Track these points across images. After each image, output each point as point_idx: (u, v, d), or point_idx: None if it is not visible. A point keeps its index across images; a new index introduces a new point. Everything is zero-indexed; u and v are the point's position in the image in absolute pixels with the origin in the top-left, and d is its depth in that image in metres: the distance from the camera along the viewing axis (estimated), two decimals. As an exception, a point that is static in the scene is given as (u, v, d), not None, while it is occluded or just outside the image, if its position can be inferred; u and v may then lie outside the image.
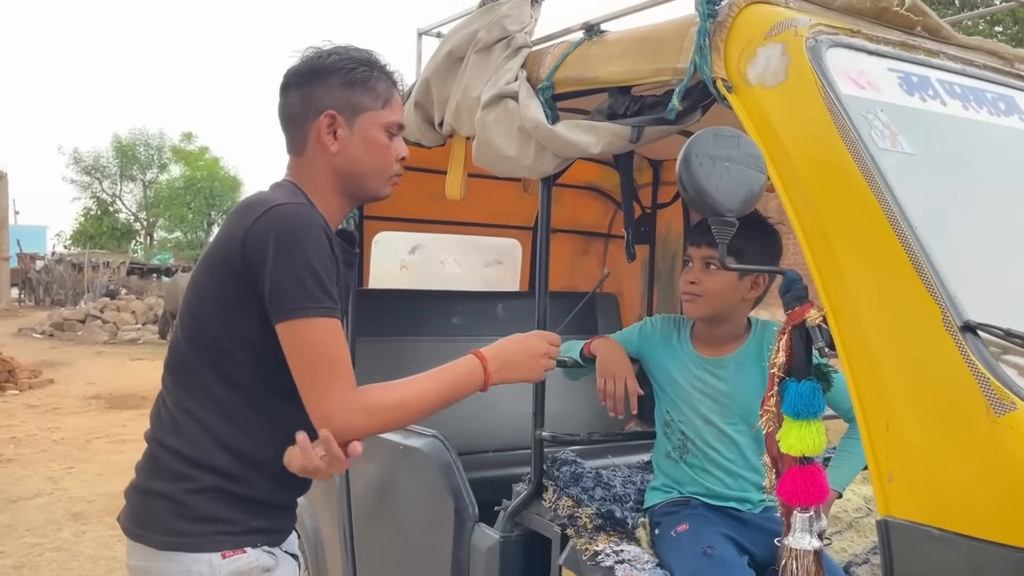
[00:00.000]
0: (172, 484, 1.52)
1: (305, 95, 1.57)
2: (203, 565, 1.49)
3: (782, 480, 1.47)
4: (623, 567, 1.87)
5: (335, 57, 1.58)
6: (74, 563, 4.72)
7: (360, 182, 1.61)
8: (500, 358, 1.59)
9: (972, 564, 1.24)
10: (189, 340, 1.53)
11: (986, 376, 1.26)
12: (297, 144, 1.60)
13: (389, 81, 1.62)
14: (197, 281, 1.54)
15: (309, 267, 1.41)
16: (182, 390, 1.54)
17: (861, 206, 1.43)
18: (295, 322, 1.41)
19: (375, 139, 1.59)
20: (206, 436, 1.51)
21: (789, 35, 1.61)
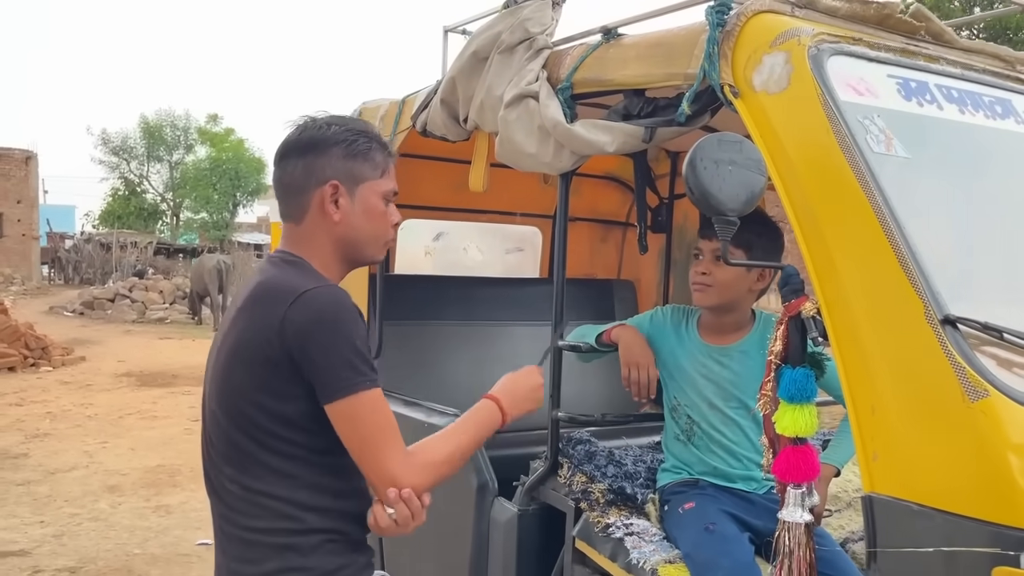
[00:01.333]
0: (281, 558, 1.52)
1: (307, 165, 1.60)
2: None
3: (777, 459, 1.60)
4: (632, 539, 2.01)
5: (336, 128, 1.62)
6: (111, 532, 4.94)
7: (359, 248, 1.65)
8: (511, 397, 1.71)
9: (946, 536, 1.36)
10: (236, 428, 1.53)
11: (963, 366, 1.38)
12: (296, 212, 1.62)
13: (385, 151, 1.68)
14: (227, 370, 1.54)
15: (353, 347, 1.46)
16: (247, 475, 1.53)
17: (854, 207, 1.54)
18: (345, 400, 1.46)
19: (375, 207, 1.63)
20: (290, 506, 1.52)
21: (792, 44, 1.72)
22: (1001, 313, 1.51)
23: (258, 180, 39.68)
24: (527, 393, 1.76)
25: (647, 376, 2.14)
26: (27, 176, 31.20)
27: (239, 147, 40.22)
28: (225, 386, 1.55)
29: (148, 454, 6.86)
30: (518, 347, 3.33)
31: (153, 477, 6.17)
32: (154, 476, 6.20)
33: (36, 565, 4.40)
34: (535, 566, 2.29)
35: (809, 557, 1.58)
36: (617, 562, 2.01)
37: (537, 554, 2.30)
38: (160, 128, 40.69)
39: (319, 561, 1.54)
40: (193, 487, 5.93)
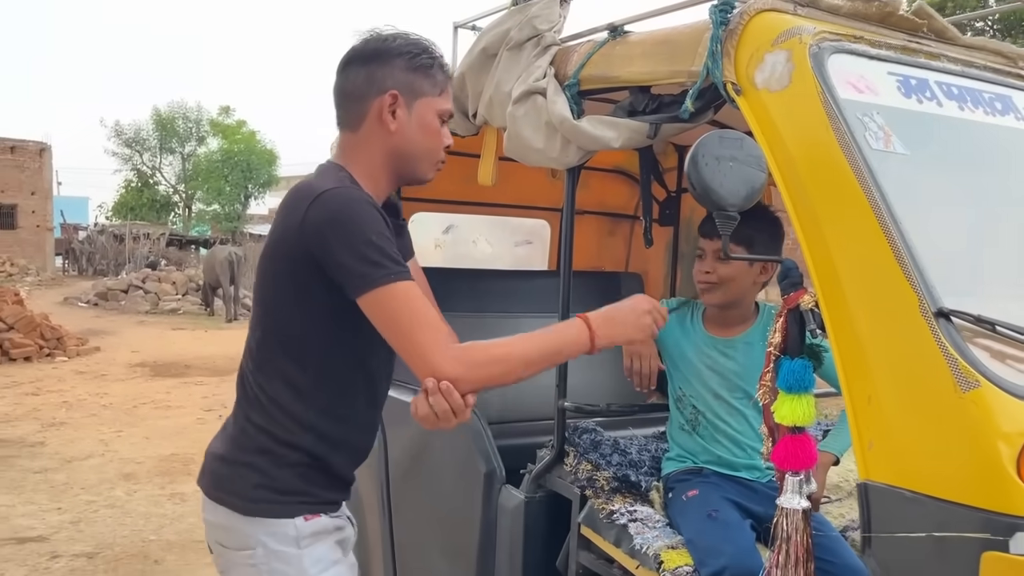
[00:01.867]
0: (259, 457, 1.63)
1: (369, 73, 1.64)
2: (288, 527, 1.62)
3: (776, 447, 1.64)
4: (636, 525, 2.06)
5: (400, 41, 1.66)
6: (127, 519, 5.03)
7: (411, 163, 1.68)
8: (605, 318, 1.62)
9: (937, 521, 1.40)
10: (263, 329, 1.63)
11: (955, 357, 1.42)
12: (353, 120, 1.66)
13: (445, 72, 1.70)
14: (262, 274, 1.63)
15: (369, 242, 1.48)
16: (263, 375, 1.63)
17: (852, 202, 1.58)
18: (373, 293, 1.47)
19: (430, 123, 1.66)
20: (290, 419, 1.61)
21: (794, 43, 1.75)
22: (996, 306, 1.55)
23: (270, 172, 39.85)
24: (628, 316, 1.67)
25: (648, 366, 2.19)
26: (41, 168, 31.47)
27: (251, 139, 40.36)
28: (259, 285, 1.63)
29: (162, 443, 6.96)
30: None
31: (167, 466, 6.26)
32: (168, 465, 6.29)
33: (54, 550, 4.49)
34: (541, 552, 2.34)
35: (806, 542, 1.62)
36: (621, 547, 2.07)
37: (543, 540, 2.35)
38: (172, 120, 40.88)
39: (281, 474, 1.62)
40: (207, 476, 6.02)
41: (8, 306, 11.86)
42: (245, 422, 1.66)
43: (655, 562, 1.95)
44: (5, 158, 30.50)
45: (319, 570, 1.65)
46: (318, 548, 1.66)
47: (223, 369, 10.99)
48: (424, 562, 2.75)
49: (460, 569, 2.57)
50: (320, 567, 1.65)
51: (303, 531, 1.63)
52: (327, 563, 1.67)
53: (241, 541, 1.65)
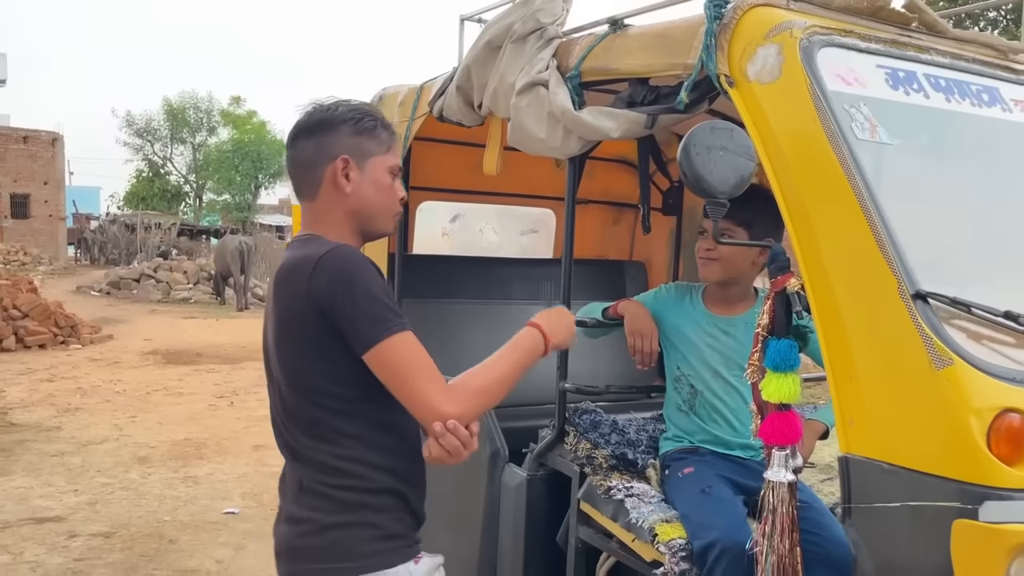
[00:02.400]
0: (358, 512, 1.63)
1: (318, 143, 1.71)
2: (401, 572, 1.64)
3: (763, 423, 1.73)
4: (632, 500, 2.15)
5: (343, 108, 1.73)
6: (142, 501, 5.15)
7: (371, 220, 1.74)
8: (551, 325, 1.74)
9: (912, 491, 1.48)
10: (298, 394, 1.65)
11: (930, 336, 1.50)
12: (310, 189, 1.72)
13: (389, 130, 1.77)
14: (278, 344, 1.66)
15: (372, 296, 1.56)
16: (323, 442, 1.64)
17: (836, 190, 1.66)
18: (378, 347, 1.55)
19: (382, 180, 1.73)
20: (369, 468, 1.63)
21: (785, 36, 1.83)
22: (974, 289, 1.63)
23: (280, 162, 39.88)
24: (565, 326, 1.80)
25: (650, 345, 2.27)
26: (53, 158, 31.71)
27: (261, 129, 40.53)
28: (284, 366, 1.66)
29: (175, 428, 7.08)
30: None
31: (180, 450, 6.38)
32: (181, 449, 6.41)
33: (72, 530, 4.61)
34: (543, 526, 2.43)
35: (792, 513, 1.71)
36: (618, 521, 2.16)
37: (545, 515, 2.44)
38: (183, 110, 41.09)
39: (388, 522, 1.65)
40: (219, 460, 6.14)
41: (23, 294, 12.02)
42: (325, 488, 1.65)
43: (650, 535, 2.04)
44: (18, 148, 30.75)
45: None
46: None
47: (234, 357, 11.13)
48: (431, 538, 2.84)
49: (465, 544, 2.66)
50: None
51: (416, 574, 1.67)
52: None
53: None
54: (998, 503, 1.41)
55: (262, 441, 6.53)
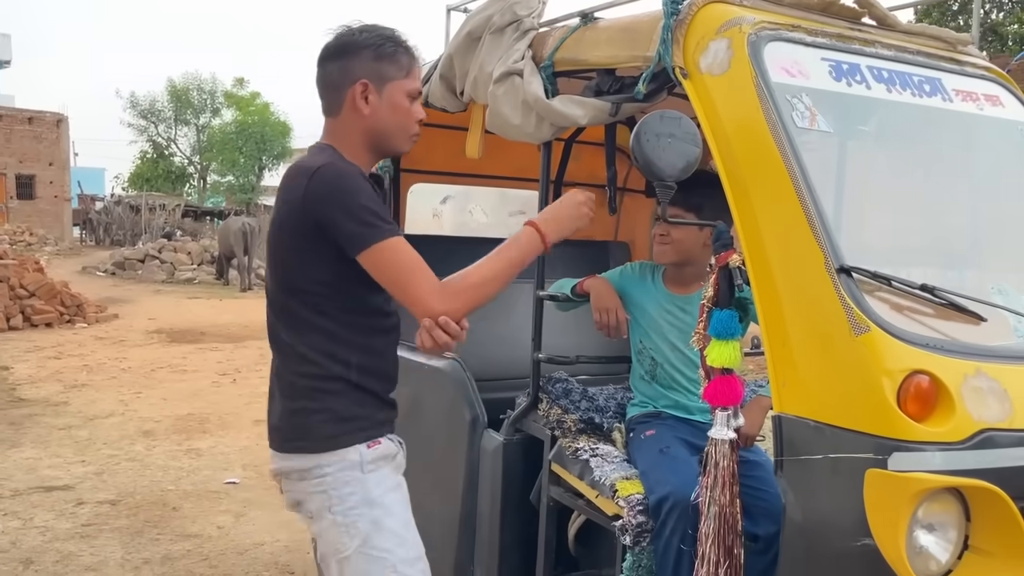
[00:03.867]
0: (315, 398, 1.84)
1: (341, 66, 1.87)
2: (352, 453, 1.83)
3: (708, 386, 1.90)
4: (596, 460, 2.33)
5: (366, 35, 1.88)
6: (147, 471, 5.35)
7: (387, 140, 1.91)
8: (550, 219, 1.87)
9: (832, 445, 1.65)
10: (284, 290, 1.86)
11: (851, 306, 1.66)
12: (334, 107, 1.89)
13: (410, 55, 1.92)
14: (276, 246, 1.85)
15: (363, 206, 1.73)
16: (296, 332, 1.85)
17: (774, 174, 1.82)
18: (371, 249, 1.72)
19: (399, 103, 1.89)
20: (330, 359, 1.83)
21: (735, 31, 1.98)
22: (900, 267, 1.79)
23: (283, 144, 40.09)
24: (569, 212, 1.89)
25: (615, 318, 2.44)
26: (58, 139, 31.84)
27: (264, 111, 40.57)
28: (274, 257, 1.86)
29: (179, 404, 7.28)
30: (519, 301, 3.62)
31: (184, 424, 6.58)
32: (185, 423, 6.61)
33: (79, 498, 4.82)
34: (518, 487, 2.61)
35: (732, 468, 1.87)
36: (584, 480, 2.33)
37: (520, 477, 2.62)
38: (187, 91, 41.11)
39: (337, 404, 1.84)
40: (220, 434, 6.34)
41: (29, 274, 12.22)
42: (292, 376, 1.87)
43: (611, 491, 2.21)
44: (23, 129, 30.88)
45: (381, 491, 1.86)
46: (380, 472, 1.88)
47: (237, 336, 11.33)
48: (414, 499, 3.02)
49: (447, 505, 2.84)
50: (382, 489, 1.87)
51: (366, 456, 1.85)
52: (388, 486, 1.89)
53: (311, 471, 1.85)
54: (906, 454, 1.58)
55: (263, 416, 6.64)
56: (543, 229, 1.85)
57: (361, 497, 1.84)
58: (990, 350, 1.73)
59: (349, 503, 1.83)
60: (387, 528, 1.85)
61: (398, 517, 1.89)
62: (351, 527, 1.83)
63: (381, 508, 1.85)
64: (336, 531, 1.84)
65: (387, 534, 1.84)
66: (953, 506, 1.62)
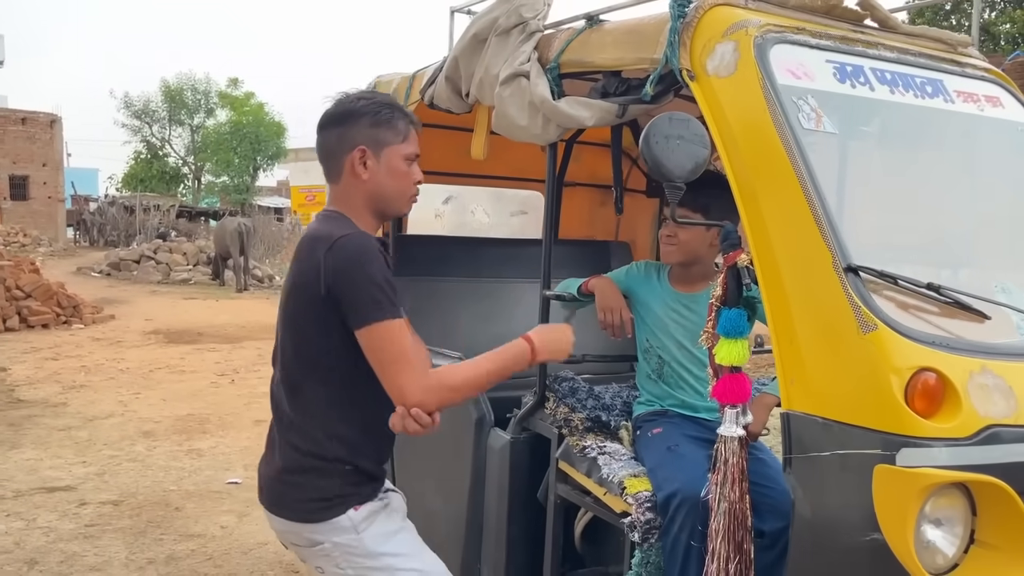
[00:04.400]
0: (305, 476, 1.89)
1: (340, 133, 1.92)
2: (344, 521, 1.88)
3: (717, 384, 1.92)
4: (604, 458, 2.35)
5: (363, 102, 1.94)
6: (148, 471, 5.37)
7: (386, 203, 1.95)
8: (543, 340, 1.95)
9: (841, 441, 1.68)
10: (293, 360, 1.90)
11: (859, 305, 1.69)
12: (334, 174, 1.95)
13: (407, 120, 1.96)
14: (287, 308, 1.90)
15: (375, 283, 1.77)
16: (296, 402, 1.90)
17: (782, 175, 1.84)
18: (371, 327, 1.77)
19: (397, 167, 1.93)
20: (325, 438, 1.88)
21: (741, 34, 2.01)
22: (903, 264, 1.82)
23: (278, 144, 40.03)
24: (559, 342, 2.00)
25: (619, 318, 2.47)
26: (52, 139, 31.76)
27: (259, 111, 40.49)
28: (287, 322, 1.90)
29: (178, 404, 7.29)
30: (521, 301, 3.65)
31: (184, 424, 6.59)
32: (185, 424, 6.62)
33: (82, 498, 4.83)
34: (525, 484, 2.64)
35: (741, 465, 1.90)
36: (592, 477, 2.36)
37: (527, 474, 2.64)
38: (181, 92, 41.01)
39: (329, 485, 1.89)
40: (221, 434, 6.35)
41: (25, 275, 12.19)
42: (286, 446, 1.92)
43: (619, 488, 2.24)
44: (16, 129, 30.79)
45: (382, 542, 1.91)
46: (374, 526, 1.92)
47: (235, 337, 11.33)
48: (422, 498, 3.05)
49: (454, 503, 2.87)
50: (381, 540, 1.91)
51: (356, 519, 1.89)
52: (387, 535, 1.93)
53: (309, 540, 1.91)
54: (913, 450, 1.60)
55: (262, 416, 6.73)
56: (536, 347, 1.93)
57: (364, 554, 1.89)
58: (995, 347, 1.76)
59: (356, 562, 1.90)
60: (402, 570, 1.91)
61: (410, 556, 1.94)
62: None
63: (389, 557, 1.91)
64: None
65: (407, 573, 1.91)
66: (960, 501, 1.65)
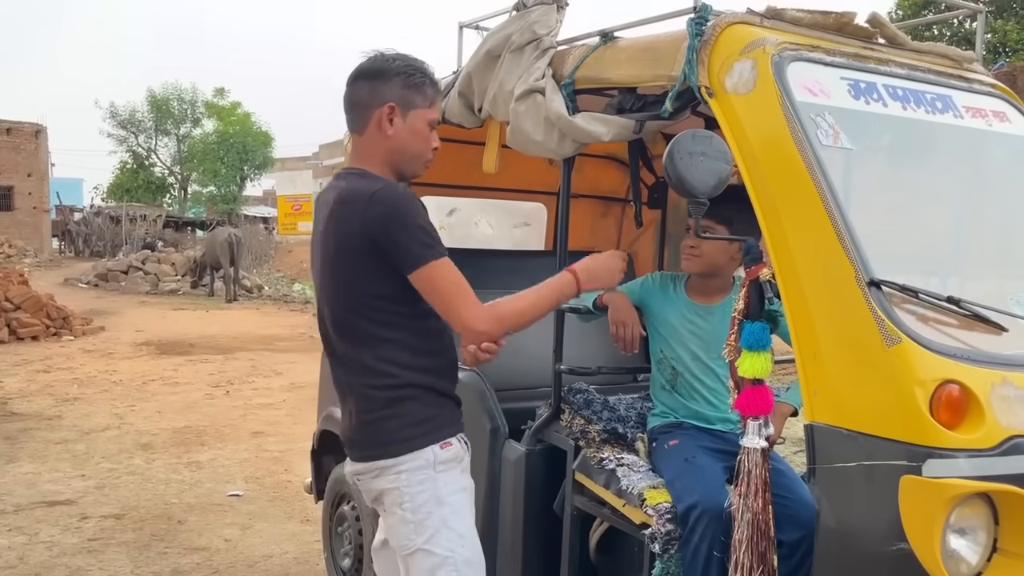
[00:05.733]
0: (389, 407, 1.99)
1: (372, 88, 2.01)
2: (427, 454, 1.98)
3: (739, 396, 1.95)
4: (623, 469, 2.37)
5: (398, 62, 2.03)
6: (149, 484, 5.34)
7: (405, 162, 2.05)
8: (587, 271, 2.06)
9: (867, 453, 1.71)
10: (346, 308, 1.99)
11: (882, 318, 1.72)
12: (360, 125, 2.04)
13: (435, 88, 2.07)
14: (332, 263, 1.97)
15: (419, 227, 1.88)
16: (361, 346, 1.99)
17: (802, 190, 1.88)
18: (423, 269, 1.88)
19: (420, 130, 2.04)
20: (397, 367, 1.97)
21: (759, 52, 2.05)
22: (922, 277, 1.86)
23: (265, 153, 39.90)
24: (605, 269, 2.10)
25: (631, 333, 2.49)
26: (37, 149, 31.57)
27: (246, 121, 40.37)
28: (334, 280, 1.99)
29: (174, 416, 7.26)
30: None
31: (182, 437, 6.57)
32: (182, 436, 6.59)
33: (83, 512, 4.80)
34: (540, 497, 2.65)
35: (764, 476, 1.93)
36: (610, 489, 2.38)
37: (542, 486, 2.66)
38: (167, 102, 40.86)
39: (413, 409, 1.99)
40: (219, 446, 6.33)
41: (14, 286, 12.12)
42: (364, 388, 2.01)
43: (639, 500, 2.26)
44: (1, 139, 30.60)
45: (450, 491, 2.01)
46: (450, 472, 2.02)
47: (227, 347, 11.29)
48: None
49: (468, 515, 2.87)
50: (451, 488, 2.01)
51: (440, 457, 2.00)
52: (457, 487, 2.03)
53: (390, 471, 1.99)
54: (939, 461, 1.64)
55: (260, 428, 6.73)
56: (580, 277, 2.04)
57: (431, 495, 1.98)
58: (1014, 359, 1.80)
59: (419, 500, 1.98)
60: (452, 527, 1.99)
61: (463, 518, 2.03)
62: (419, 525, 1.98)
63: (448, 507, 1.99)
64: (405, 527, 1.99)
65: (451, 534, 1.98)
66: (983, 510, 1.68)
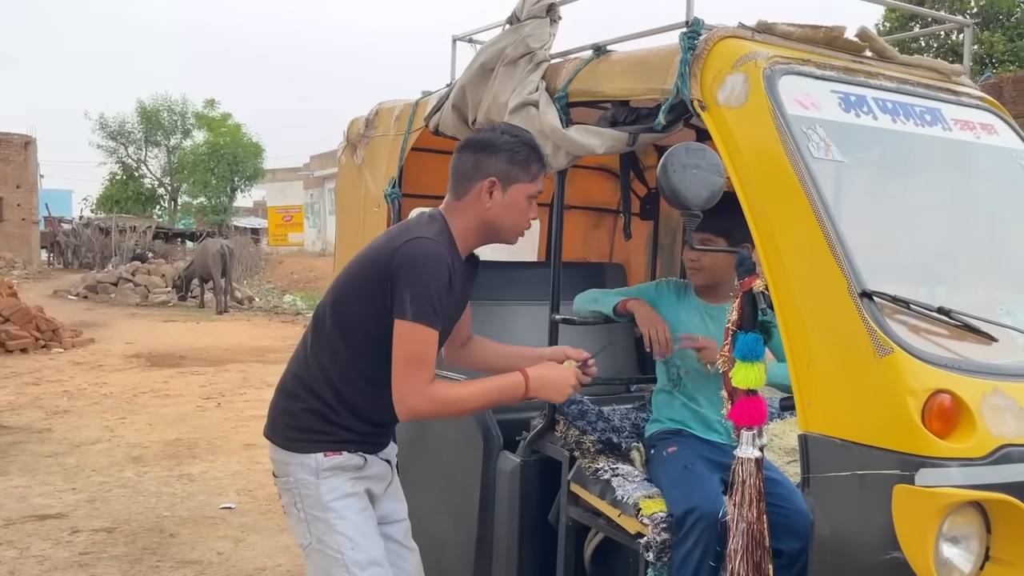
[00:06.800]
0: (289, 402, 2.16)
1: (477, 160, 2.09)
2: (310, 460, 2.11)
3: (733, 407, 1.97)
4: (618, 479, 2.38)
5: (506, 137, 2.10)
6: (140, 497, 5.31)
7: (498, 232, 2.14)
8: (539, 379, 2.10)
9: (860, 462, 1.73)
10: (332, 307, 2.12)
11: (875, 329, 1.75)
12: (460, 192, 2.12)
13: (541, 163, 2.14)
14: (351, 270, 2.11)
15: (428, 289, 1.96)
16: (316, 340, 2.14)
17: (795, 202, 1.90)
18: (407, 322, 1.96)
19: (518, 203, 2.11)
20: (321, 373, 2.11)
21: (750, 66, 2.07)
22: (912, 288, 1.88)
23: (255, 165, 39.79)
24: (558, 380, 2.14)
25: (664, 335, 2.50)
26: (26, 161, 31.38)
27: (236, 132, 40.29)
28: (343, 278, 2.12)
29: (165, 429, 7.22)
30: (517, 323, 3.68)
31: (173, 449, 6.53)
32: (174, 448, 6.56)
33: (74, 526, 4.77)
34: (535, 507, 2.66)
35: (759, 486, 1.94)
36: (605, 499, 2.39)
37: (537, 498, 2.67)
38: (157, 113, 40.78)
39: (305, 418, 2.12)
40: (211, 459, 6.30)
41: (3, 298, 12.04)
42: (290, 374, 2.18)
43: (634, 509, 2.27)
44: (-10, 151, 30.43)
45: (333, 498, 2.10)
46: (334, 480, 2.11)
47: (218, 360, 11.24)
48: (430, 521, 3.06)
49: (463, 527, 2.88)
50: (334, 495, 2.10)
51: (322, 464, 2.10)
52: (340, 494, 2.11)
53: (282, 470, 2.16)
54: (932, 470, 1.66)
55: (252, 440, 6.69)
56: (531, 384, 2.09)
57: (315, 500, 2.10)
58: (1005, 369, 1.82)
59: (308, 503, 2.11)
60: (339, 531, 2.09)
61: (351, 522, 2.10)
62: (310, 524, 2.12)
63: (333, 512, 2.09)
64: (299, 526, 2.14)
65: (339, 536, 2.09)
66: (976, 519, 1.70)
